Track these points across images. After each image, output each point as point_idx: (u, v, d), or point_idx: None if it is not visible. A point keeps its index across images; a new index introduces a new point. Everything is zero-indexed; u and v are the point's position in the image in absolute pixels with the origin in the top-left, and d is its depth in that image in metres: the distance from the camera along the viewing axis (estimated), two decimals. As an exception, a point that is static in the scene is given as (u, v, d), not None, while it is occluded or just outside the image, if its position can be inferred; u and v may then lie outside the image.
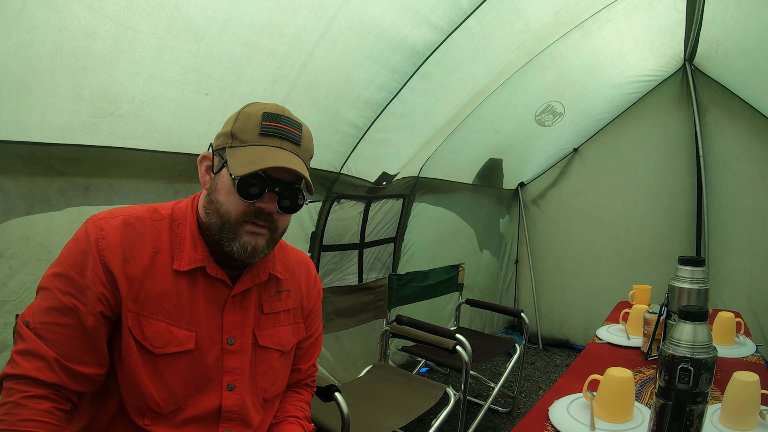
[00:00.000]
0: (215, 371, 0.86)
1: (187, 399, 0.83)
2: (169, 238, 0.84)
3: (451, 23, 1.70)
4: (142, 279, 0.80)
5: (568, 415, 1.08)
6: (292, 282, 0.99)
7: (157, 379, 0.81)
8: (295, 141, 0.83)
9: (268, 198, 0.81)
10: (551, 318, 3.74)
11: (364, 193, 2.32)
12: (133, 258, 0.80)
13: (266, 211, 0.81)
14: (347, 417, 1.35)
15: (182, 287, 0.83)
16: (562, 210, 3.67)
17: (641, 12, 2.22)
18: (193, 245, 0.84)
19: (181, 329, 0.82)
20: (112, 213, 0.82)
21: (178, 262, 0.82)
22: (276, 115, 0.83)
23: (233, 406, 0.87)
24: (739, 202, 2.95)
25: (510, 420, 2.57)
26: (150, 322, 0.80)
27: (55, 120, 1.17)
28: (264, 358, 0.93)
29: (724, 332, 1.60)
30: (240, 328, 0.88)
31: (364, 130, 1.96)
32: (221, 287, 0.87)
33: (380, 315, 2.28)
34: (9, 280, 1.23)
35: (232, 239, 0.81)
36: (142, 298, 0.80)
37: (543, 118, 2.95)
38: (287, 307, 0.97)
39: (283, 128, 0.82)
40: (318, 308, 1.08)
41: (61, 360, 0.75)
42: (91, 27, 1.07)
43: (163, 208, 0.87)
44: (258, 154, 0.79)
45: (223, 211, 0.81)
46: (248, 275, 0.90)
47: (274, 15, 1.32)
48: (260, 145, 0.81)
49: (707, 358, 0.83)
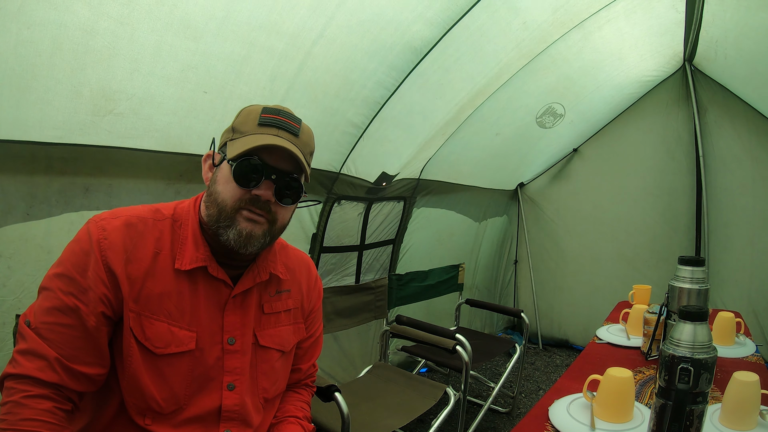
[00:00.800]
0: (216, 371, 0.86)
1: (187, 399, 0.83)
2: (171, 238, 0.84)
3: (448, 20, 1.69)
4: (144, 279, 0.80)
5: (568, 415, 1.08)
6: (293, 282, 0.99)
7: (158, 379, 0.81)
8: (293, 132, 0.84)
9: (264, 185, 0.81)
10: (551, 318, 3.74)
11: (364, 193, 2.31)
12: (135, 258, 0.80)
13: (263, 199, 0.81)
14: (347, 417, 1.34)
15: (183, 287, 0.83)
16: (562, 210, 3.67)
17: (640, 12, 2.22)
18: (195, 245, 0.84)
19: (182, 329, 0.82)
20: (114, 213, 0.82)
21: (180, 261, 0.83)
22: (276, 109, 0.85)
23: (233, 406, 0.87)
24: (739, 202, 2.95)
25: (510, 420, 2.57)
26: (151, 322, 0.80)
27: (54, 118, 1.17)
28: (265, 358, 0.93)
29: (724, 332, 1.60)
30: (240, 328, 0.88)
31: (363, 129, 1.96)
32: (222, 287, 0.87)
33: (380, 315, 2.28)
34: (8, 280, 1.22)
35: (229, 227, 0.81)
36: (144, 299, 0.80)
37: (544, 120, 2.95)
38: (288, 307, 0.97)
39: (280, 119, 0.84)
40: (318, 308, 1.08)
41: (63, 360, 0.75)
42: (91, 24, 1.07)
43: (165, 208, 0.87)
44: (254, 139, 0.80)
45: (221, 200, 0.81)
46: (249, 275, 0.90)
47: (273, 13, 1.32)
48: (257, 133, 0.82)
49: (707, 358, 0.83)
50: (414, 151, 2.34)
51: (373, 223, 2.50)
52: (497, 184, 3.53)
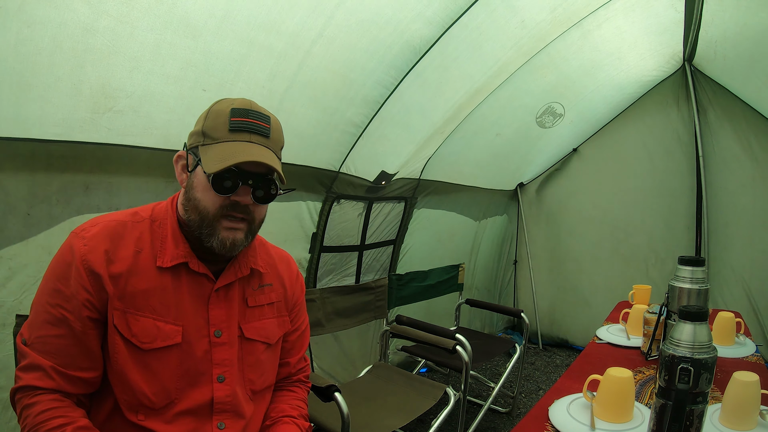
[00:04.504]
0: (205, 364, 0.88)
1: (178, 393, 0.85)
2: (151, 238, 0.87)
3: (447, 19, 1.70)
4: (127, 277, 0.83)
5: (568, 415, 1.08)
6: (273, 276, 1.02)
7: (147, 375, 0.83)
8: (264, 134, 0.86)
9: (242, 191, 0.84)
10: (551, 318, 3.74)
11: (363, 192, 2.31)
12: (117, 258, 0.83)
13: (242, 204, 0.85)
14: (347, 417, 1.34)
15: (167, 283, 0.85)
16: (562, 210, 3.66)
17: (639, 10, 2.22)
18: (175, 242, 0.87)
19: (168, 324, 0.85)
20: (92, 222, 0.85)
21: (161, 259, 0.85)
22: (244, 110, 0.85)
23: (225, 398, 0.89)
24: (739, 202, 2.95)
25: (510, 420, 2.57)
26: (137, 318, 0.83)
27: (54, 115, 1.17)
28: (250, 350, 0.95)
29: (724, 332, 1.60)
30: (226, 320, 0.91)
31: (362, 128, 1.96)
32: (204, 281, 0.90)
33: (380, 315, 2.28)
34: (8, 282, 1.22)
35: (211, 235, 0.84)
36: (128, 296, 0.82)
37: (544, 120, 2.95)
38: (271, 300, 1.00)
39: (251, 122, 0.85)
40: (302, 302, 1.10)
41: (58, 368, 0.79)
42: (91, 22, 1.07)
43: (143, 211, 0.90)
44: (229, 150, 0.82)
45: (201, 207, 0.84)
46: (231, 269, 0.92)
47: (272, 12, 1.32)
48: (230, 141, 0.83)
49: (707, 358, 0.83)
50: (413, 149, 2.34)
51: (374, 224, 2.50)
52: (497, 184, 3.53)
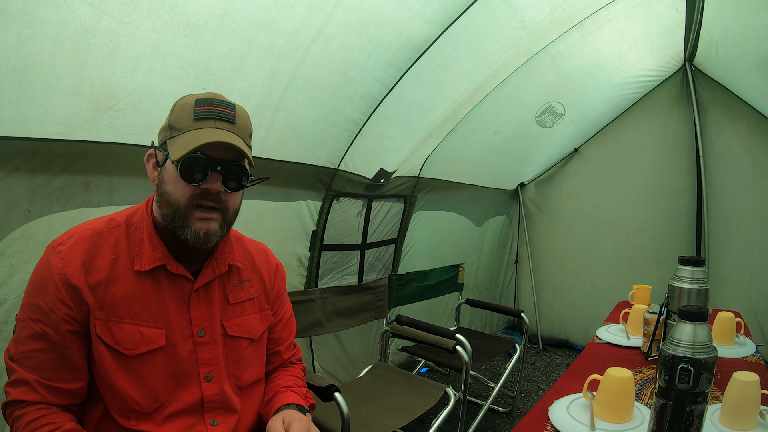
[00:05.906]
0: (191, 364, 0.88)
1: (168, 395, 0.86)
2: (127, 243, 0.87)
3: (446, 18, 1.70)
4: (106, 285, 0.83)
5: (568, 415, 1.08)
6: (252, 271, 1.02)
7: (135, 380, 0.83)
8: (230, 120, 0.86)
9: (212, 178, 0.83)
10: (551, 318, 3.74)
11: (362, 190, 2.31)
12: (94, 268, 0.82)
13: (213, 191, 0.84)
14: (347, 417, 1.34)
15: (146, 287, 0.85)
16: (562, 210, 3.67)
17: (640, 12, 2.22)
18: (152, 245, 0.87)
19: (151, 328, 0.85)
20: (68, 234, 0.85)
21: (138, 263, 0.85)
22: (208, 99, 0.86)
23: (214, 396, 0.90)
24: (739, 202, 2.95)
25: (510, 420, 2.57)
26: (119, 326, 0.83)
27: (55, 114, 1.17)
28: (234, 347, 0.95)
29: (724, 332, 1.60)
30: (208, 319, 0.91)
31: (361, 125, 1.97)
32: (184, 282, 0.89)
33: (380, 315, 2.28)
34: (9, 279, 1.22)
35: (184, 227, 0.84)
36: (109, 304, 0.82)
37: (543, 119, 2.94)
38: (251, 296, 1.00)
39: (215, 110, 0.85)
40: (283, 292, 1.11)
41: (43, 381, 0.80)
42: (92, 23, 1.07)
43: (118, 216, 0.90)
44: (194, 136, 0.82)
45: (173, 200, 0.83)
46: (209, 268, 0.93)
47: (272, 11, 1.33)
48: (195, 129, 0.83)
49: (707, 358, 0.83)
50: (412, 147, 2.34)
51: (374, 222, 2.50)
52: (498, 183, 3.53)
